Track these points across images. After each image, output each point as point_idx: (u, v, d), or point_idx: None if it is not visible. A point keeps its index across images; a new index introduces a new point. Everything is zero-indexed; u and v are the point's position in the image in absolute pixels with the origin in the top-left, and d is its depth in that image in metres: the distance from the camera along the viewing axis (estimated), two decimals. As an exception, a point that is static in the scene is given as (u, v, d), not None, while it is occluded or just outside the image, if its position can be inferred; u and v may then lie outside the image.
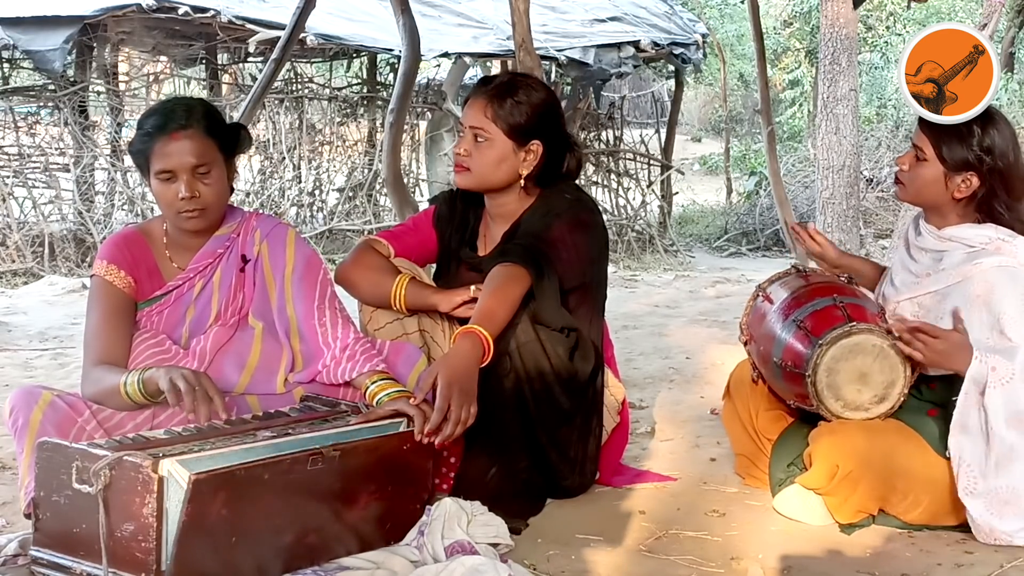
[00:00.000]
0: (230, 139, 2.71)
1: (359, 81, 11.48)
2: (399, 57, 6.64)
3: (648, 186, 11.77)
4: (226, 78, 11.06)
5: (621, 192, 11.60)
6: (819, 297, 2.81)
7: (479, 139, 2.87)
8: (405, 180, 8.98)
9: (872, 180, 12.30)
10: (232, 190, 2.75)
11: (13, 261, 8.76)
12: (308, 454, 2.26)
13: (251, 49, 9.78)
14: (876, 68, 17.04)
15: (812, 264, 3.30)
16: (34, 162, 9.58)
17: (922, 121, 2.84)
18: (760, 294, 3.03)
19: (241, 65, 10.83)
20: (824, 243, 3.15)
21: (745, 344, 3.07)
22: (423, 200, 10.04)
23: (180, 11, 8.94)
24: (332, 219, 10.37)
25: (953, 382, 2.70)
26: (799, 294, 2.87)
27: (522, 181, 2.92)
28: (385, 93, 10.77)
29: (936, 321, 2.79)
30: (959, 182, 2.79)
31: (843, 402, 2.72)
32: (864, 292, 2.95)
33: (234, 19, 9.14)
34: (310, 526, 2.30)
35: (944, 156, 2.79)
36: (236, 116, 6.67)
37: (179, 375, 2.41)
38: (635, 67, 11.24)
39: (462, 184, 2.94)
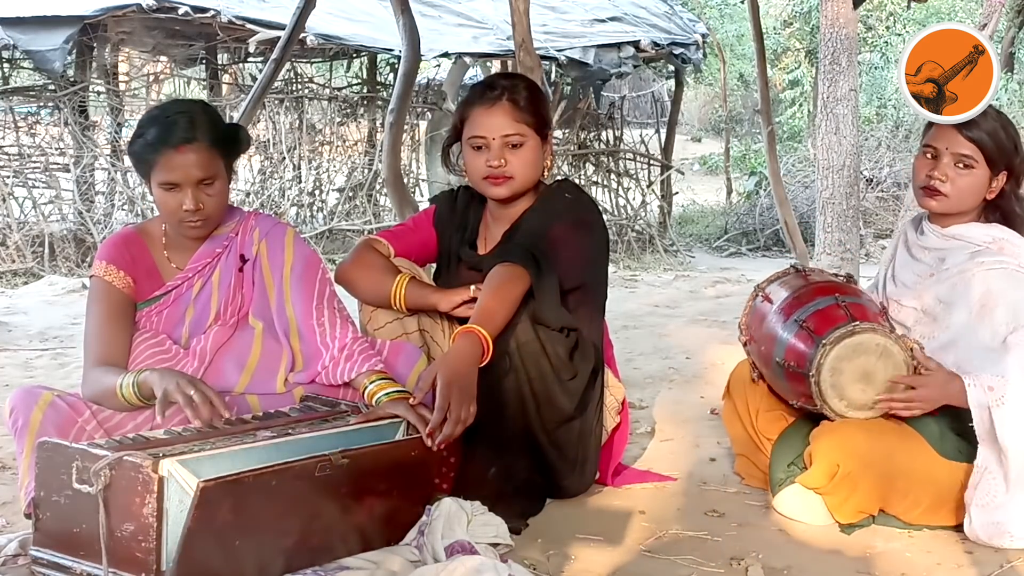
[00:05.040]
0: (232, 145, 2.70)
1: (359, 81, 11.48)
2: (399, 57, 6.63)
3: (648, 186, 11.77)
4: (226, 78, 11.06)
5: (621, 192, 11.60)
6: (821, 296, 2.81)
7: (514, 146, 2.86)
8: (405, 180, 8.98)
9: (872, 180, 12.31)
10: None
11: (13, 261, 8.77)
12: (316, 460, 2.25)
13: (251, 49, 9.78)
14: (876, 68, 17.03)
15: (811, 264, 3.30)
16: (34, 162, 9.58)
17: (958, 128, 2.78)
18: (759, 294, 3.02)
19: (241, 65, 10.82)
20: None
21: (745, 344, 3.07)
22: (423, 200, 10.04)
23: (180, 11, 8.94)
24: (332, 219, 10.37)
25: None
26: (800, 294, 2.86)
27: (545, 173, 2.93)
28: (385, 93, 10.77)
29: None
30: (993, 183, 2.79)
31: (847, 401, 2.72)
32: (865, 292, 2.95)
33: (234, 19, 9.14)
34: (314, 528, 2.30)
35: (994, 158, 2.77)
36: (236, 116, 6.66)
37: (174, 384, 2.40)
38: (635, 67, 11.24)
39: (505, 194, 2.90)
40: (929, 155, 2.84)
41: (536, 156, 2.89)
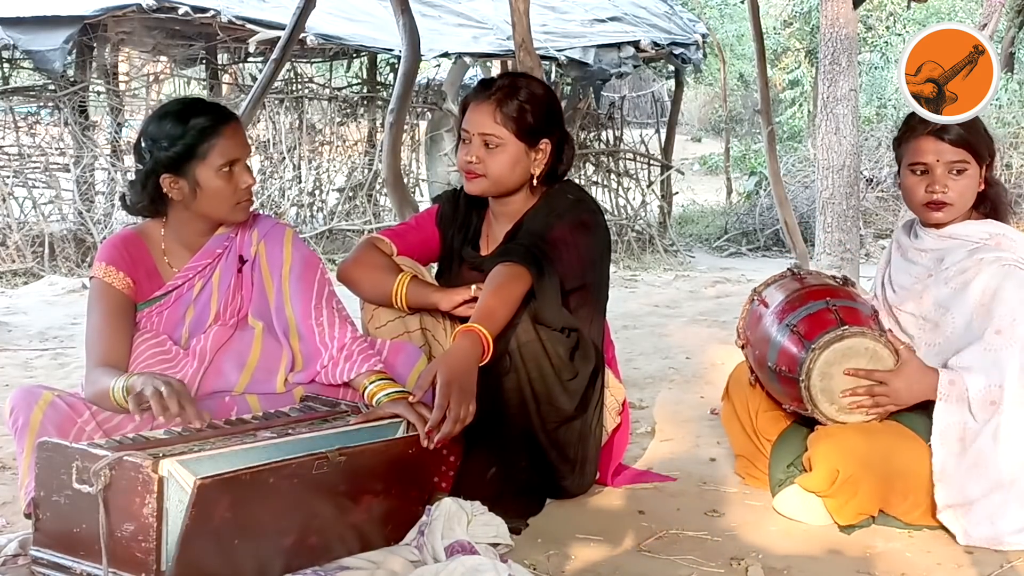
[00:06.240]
0: None
1: (359, 81, 11.47)
2: (399, 57, 6.63)
3: (648, 186, 11.77)
4: (226, 78, 11.05)
5: (621, 192, 11.60)
6: (812, 301, 2.80)
7: (490, 145, 2.86)
8: (405, 180, 8.98)
9: (872, 180, 12.30)
10: None
11: (13, 261, 8.76)
12: (313, 458, 2.25)
13: (251, 49, 9.78)
14: (876, 68, 17.02)
15: (811, 264, 3.29)
16: (34, 162, 9.58)
17: (939, 137, 2.78)
18: (756, 298, 3.01)
19: (241, 65, 10.82)
20: None
21: (742, 348, 3.07)
22: (423, 200, 10.04)
23: (180, 11, 8.93)
24: (332, 219, 10.36)
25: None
26: (793, 298, 2.85)
27: (534, 180, 2.93)
28: (385, 93, 10.76)
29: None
30: (982, 174, 2.81)
31: (837, 406, 2.72)
32: (859, 295, 2.95)
33: (234, 19, 9.14)
34: (312, 528, 2.30)
35: (980, 152, 2.79)
36: (236, 116, 6.67)
37: (150, 385, 2.38)
38: (635, 67, 11.24)
39: (475, 191, 2.92)
40: (919, 171, 2.82)
41: (513, 161, 2.87)
